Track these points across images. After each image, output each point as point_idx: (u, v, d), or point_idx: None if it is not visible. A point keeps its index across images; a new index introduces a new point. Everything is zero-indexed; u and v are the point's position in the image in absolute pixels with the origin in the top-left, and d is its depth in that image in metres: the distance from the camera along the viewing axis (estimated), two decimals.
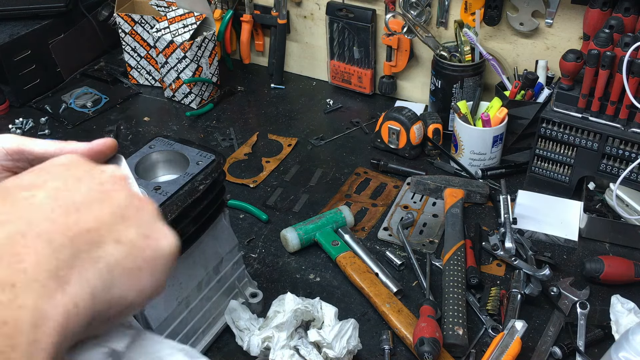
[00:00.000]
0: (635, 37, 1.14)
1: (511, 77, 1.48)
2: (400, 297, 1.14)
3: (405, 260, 1.21)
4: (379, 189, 1.42)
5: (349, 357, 0.98)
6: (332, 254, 1.22)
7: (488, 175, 1.42)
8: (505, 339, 0.99)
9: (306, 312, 1.00)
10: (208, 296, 1.03)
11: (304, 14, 1.77)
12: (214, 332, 1.06)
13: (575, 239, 1.26)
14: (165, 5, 1.72)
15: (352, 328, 0.98)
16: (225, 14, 1.79)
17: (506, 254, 1.20)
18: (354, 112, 1.71)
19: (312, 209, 1.37)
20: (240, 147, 1.57)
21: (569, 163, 1.31)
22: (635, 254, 1.22)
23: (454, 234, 1.23)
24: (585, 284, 1.14)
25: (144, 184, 0.91)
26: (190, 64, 1.65)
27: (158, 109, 1.74)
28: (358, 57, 1.71)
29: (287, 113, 1.71)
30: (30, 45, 1.70)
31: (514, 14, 1.45)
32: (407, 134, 1.46)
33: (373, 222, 1.33)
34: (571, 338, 1.05)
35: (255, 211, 1.35)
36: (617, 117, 1.22)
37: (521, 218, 1.29)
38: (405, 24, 1.53)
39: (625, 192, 1.26)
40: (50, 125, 1.67)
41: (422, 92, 1.69)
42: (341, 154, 1.54)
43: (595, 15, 1.28)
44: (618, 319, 1.04)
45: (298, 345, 0.96)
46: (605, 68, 1.17)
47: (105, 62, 1.92)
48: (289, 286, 1.17)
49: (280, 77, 1.83)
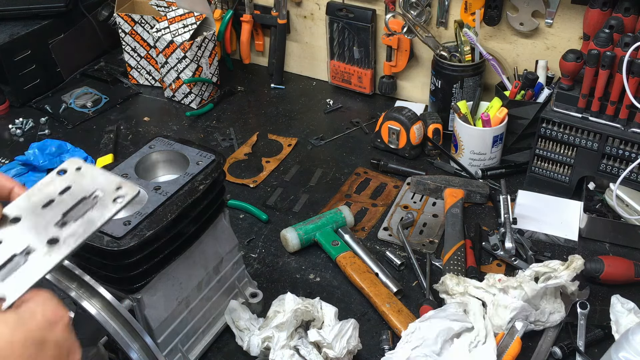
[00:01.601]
0: (635, 37, 1.14)
1: (511, 77, 1.48)
2: (400, 297, 1.14)
3: (405, 260, 1.21)
4: (379, 189, 1.42)
5: (349, 357, 0.98)
6: (332, 254, 1.22)
7: (488, 175, 1.42)
8: (505, 339, 0.99)
9: (306, 312, 1.00)
10: (208, 296, 1.03)
11: (304, 14, 1.77)
12: (214, 332, 1.06)
13: (575, 239, 1.26)
14: (165, 5, 1.72)
15: (352, 328, 0.98)
16: (225, 14, 1.79)
17: (506, 254, 1.20)
18: (354, 112, 1.71)
19: (312, 209, 1.37)
20: (240, 147, 1.57)
21: (569, 163, 1.31)
22: (635, 254, 1.22)
23: (454, 234, 1.23)
24: (585, 284, 1.13)
25: (144, 184, 0.91)
26: (190, 64, 1.65)
27: (158, 109, 1.74)
28: (358, 57, 1.71)
29: (287, 113, 1.71)
30: (30, 45, 1.70)
31: (514, 14, 1.45)
32: (407, 134, 1.46)
33: (373, 222, 1.33)
34: (571, 338, 1.05)
35: (255, 211, 1.35)
36: (617, 117, 1.22)
37: (521, 218, 1.29)
38: (405, 24, 1.53)
39: (625, 192, 1.26)
40: (50, 125, 1.67)
41: (422, 92, 1.69)
42: (341, 154, 1.54)
43: (595, 15, 1.28)
44: (618, 319, 1.04)
45: (298, 345, 0.96)
46: (605, 68, 1.17)
47: (105, 62, 1.92)
48: (289, 286, 1.17)
49: (280, 77, 1.83)
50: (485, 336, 0.98)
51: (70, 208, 0.63)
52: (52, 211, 0.63)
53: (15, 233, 0.60)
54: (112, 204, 0.63)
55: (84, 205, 0.63)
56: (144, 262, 0.86)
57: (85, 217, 0.62)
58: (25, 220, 0.62)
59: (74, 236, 0.61)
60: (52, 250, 0.59)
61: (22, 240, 0.60)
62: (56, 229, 0.61)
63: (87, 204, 0.64)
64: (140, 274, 0.86)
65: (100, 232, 0.92)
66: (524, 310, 1.00)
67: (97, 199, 0.64)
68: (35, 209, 0.63)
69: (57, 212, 0.62)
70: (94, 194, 0.64)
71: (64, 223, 0.62)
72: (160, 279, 0.91)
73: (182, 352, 0.99)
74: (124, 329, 0.80)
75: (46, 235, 0.60)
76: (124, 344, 0.80)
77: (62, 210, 0.63)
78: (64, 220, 0.62)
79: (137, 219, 0.85)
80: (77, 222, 0.62)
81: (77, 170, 0.66)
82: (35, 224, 0.61)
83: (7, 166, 1.48)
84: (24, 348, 0.50)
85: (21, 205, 0.63)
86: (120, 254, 0.83)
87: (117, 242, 0.83)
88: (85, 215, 0.62)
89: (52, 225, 0.61)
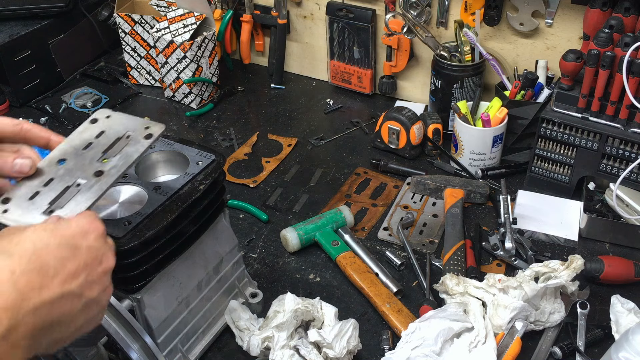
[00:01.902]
0: (635, 37, 1.14)
1: (511, 77, 1.49)
2: (400, 297, 1.14)
3: (405, 260, 1.21)
4: (379, 189, 1.42)
5: (349, 357, 0.98)
6: (332, 254, 1.22)
7: (488, 175, 1.42)
8: (505, 339, 0.99)
9: (306, 312, 1.00)
10: (208, 296, 1.03)
11: (304, 14, 1.77)
12: (214, 332, 1.06)
13: (575, 239, 1.26)
14: (165, 5, 1.72)
15: (352, 328, 0.98)
16: (225, 14, 1.79)
17: (506, 254, 1.20)
18: (354, 112, 1.71)
19: (312, 209, 1.37)
20: (240, 147, 1.57)
21: (569, 163, 1.31)
22: (635, 254, 1.22)
23: (454, 234, 1.23)
24: (585, 284, 1.13)
25: (144, 184, 0.91)
26: (190, 64, 1.65)
27: (158, 109, 1.74)
28: (358, 57, 1.71)
29: (287, 113, 1.71)
30: (30, 45, 1.70)
31: (514, 14, 1.45)
32: (407, 134, 1.46)
33: (373, 222, 1.33)
34: (571, 338, 1.05)
35: (255, 211, 1.35)
36: (617, 117, 1.22)
37: (521, 218, 1.29)
38: (405, 24, 1.53)
39: (625, 192, 1.26)
40: (50, 125, 1.67)
41: (422, 92, 1.69)
42: (341, 154, 1.54)
43: (595, 15, 1.28)
44: (618, 319, 1.04)
45: (298, 345, 0.96)
46: (605, 68, 1.17)
47: (105, 62, 1.92)
48: (289, 286, 1.17)
49: (280, 77, 1.83)
50: (485, 336, 0.98)
51: (108, 147, 0.74)
52: (92, 151, 0.73)
53: (64, 171, 0.71)
54: (144, 139, 0.74)
55: (120, 144, 0.74)
56: (144, 262, 0.86)
57: (123, 152, 0.73)
58: (70, 161, 0.72)
59: (116, 167, 0.71)
60: (99, 180, 0.70)
61: (71, 175, 0.70)
62: (99, 164, 0.72)
63: (122, 142, 0.74)
64: (140, 274, 0.86)
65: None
66: (524, 310, 1.00)
67: (130, 138, 0.75)
68: (77, 151, 0.73)
69: (97, 152, 0.73)
70: (126, 134, 0.75)
71: (105, 159, 0.72)
72: (160, 279, 0.91)
73: (182, 352, 0.99)
74: (124, 329, 0.80)
75: (92, 169, 0.71)
76: (124, 344, 0.80)
77: (101, 150, 0.73)
78: (104, 156, 0.73)
79: (137, 219, 0.85)
80: (116, 157, 0.72)
81: (107, 118, 0.78)
82: (80, 162, 0.72)
83: None
84: (59, 250, 0.58)
85: (64, 149, 0.73)
86: (120, 254, 0.82)
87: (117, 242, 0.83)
88: (123, 150, 0.73)
89: (95, 161, 0.72)
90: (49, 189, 0.69)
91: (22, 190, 0.69)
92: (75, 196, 0.68)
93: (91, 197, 0.68)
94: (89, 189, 0.69)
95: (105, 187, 0.69)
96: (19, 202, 0.68)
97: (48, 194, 0.69)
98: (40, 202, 0.68)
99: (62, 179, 0.70)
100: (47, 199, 0.68)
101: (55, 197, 0.68)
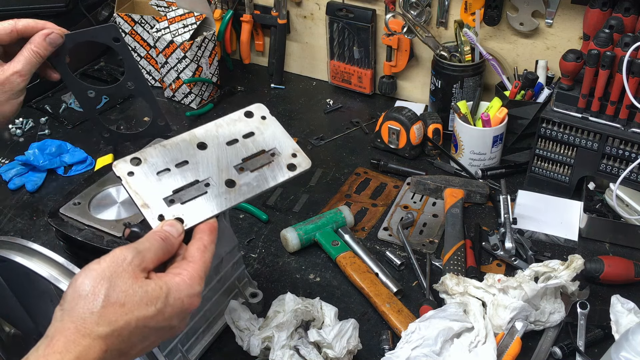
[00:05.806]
0: (635, 37, 1.14)
1: (511, 77, 1.49)
2: (400, 297, 1.14)
3: (405, 260, 1.22)
4: (379, 189, 1.42)
5: (349, 357, 0.98)
6: (332, 254, 1.22)
7: (488, 175, 1.42)
8: (505, 339, 0.99)
9: (306, 312, 1.00)
10: (208, 296, 1.03)
11: (304, 14, 1.77)
12: (214, 332, 1.06)
13: (575, 239, 1.26)
14: (165, 5, 1.72)
15: (352, 328, 0.98)
16: (225, 14, 1.79)
17: (506, 254, 1.20)
18: (354, 112, 1.71)
19: (312, 209, 1.37)
20: None
21: (569, 163, 1.31)
22: (635, 254, 1.22)
23: (454, 234, 1.23)
24: (585, 284, 1.13)
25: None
26: (190, 64, 1.65)
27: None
28: (358, 57, 1.71)
29: (287, 113, 1.71)
30: None
31: (514, 14, 1.45)
32: (407, 134, 1.46)
33: (373, 222, 1.33)
34: (571, 338, 1.05)
35: (255, 211, 1.35)
36: (617, 117, 1.22)
37: (521, 218, 1.29)
38: (405, 24, 1.53)
39: (625, 192, 1.26)
40: (50, 125, 1.67)
41: (422, 92, 1.69)
42: (341, 154, 1.54)
43: (595, 15, 1.28)
44: (618, 319, 1.04)
45: (298, 345, 0.96)
46: (605, 68, 1.17)
47: (105, 62, 1.92)
48: (289, 286, 1.17)
49: (280, 77, 1.83)
50: (485, 336, 0.98)
51: (250, 156, 0.70)
52: (234, 151, 0.69)
53: (200, 159, 0.67)
54: (286, 169, 0.70)
55: (262, 159, 0.70)
56: None
57: (261, 172, 0.69)
58: (210, 150, 0.68)
59: (249, 186, 0.67)
60: (228, 193, 0.66)
61: (205, 169, 0.67)
62: (235, 172, 0.68)
63: (264, 157, 0.70)
64: None
65: (100, 231, 0.92)
66: (523, 310, 1.00)
67: (274, 158, 0.71)
68: (220, 143, 0.69)
69: (238, 156, 0.69)
70: (272, 150, 0.71)
71: (242, 169, 0.69)
72: None
73: (182, 352, 0.99)
74: None
75: (226, 175, 0.67)
76: None
77: (243, 155, 0.69)
78: (242, 165, 0.69)
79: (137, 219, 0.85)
80: (253, 174, 0.69)
81: (262, 118, 0.74)
82: (218, 158, 0.68)
83: (7, 166, 1.48)
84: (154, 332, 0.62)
85: (210, 131, 0.69)
86: None
87: (117, 243, 0.83)
88: (262, 169, 0.69)
89: (232, 167, 0.68)
90: (179, 171, 0.66)
91: (155, 159, 0.66)
92: (199, 198, 0.65)
93: (213, 209, 0.66)
94: (214, 197, 0.66)
95: (229, 205, 0.67)
96: (147, 171, 0.65)
97: (176, 177, 0.66)
98: (167, 184, 0.65)
99: (195, 169, 0.67)
100: (173, 185, 0.65)
101: (182, 187, 0.65)
